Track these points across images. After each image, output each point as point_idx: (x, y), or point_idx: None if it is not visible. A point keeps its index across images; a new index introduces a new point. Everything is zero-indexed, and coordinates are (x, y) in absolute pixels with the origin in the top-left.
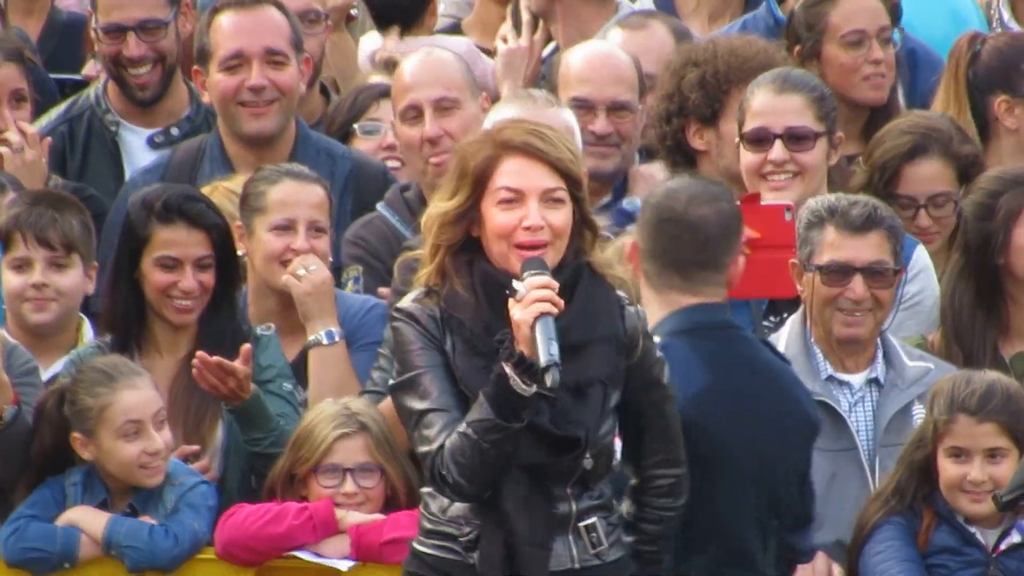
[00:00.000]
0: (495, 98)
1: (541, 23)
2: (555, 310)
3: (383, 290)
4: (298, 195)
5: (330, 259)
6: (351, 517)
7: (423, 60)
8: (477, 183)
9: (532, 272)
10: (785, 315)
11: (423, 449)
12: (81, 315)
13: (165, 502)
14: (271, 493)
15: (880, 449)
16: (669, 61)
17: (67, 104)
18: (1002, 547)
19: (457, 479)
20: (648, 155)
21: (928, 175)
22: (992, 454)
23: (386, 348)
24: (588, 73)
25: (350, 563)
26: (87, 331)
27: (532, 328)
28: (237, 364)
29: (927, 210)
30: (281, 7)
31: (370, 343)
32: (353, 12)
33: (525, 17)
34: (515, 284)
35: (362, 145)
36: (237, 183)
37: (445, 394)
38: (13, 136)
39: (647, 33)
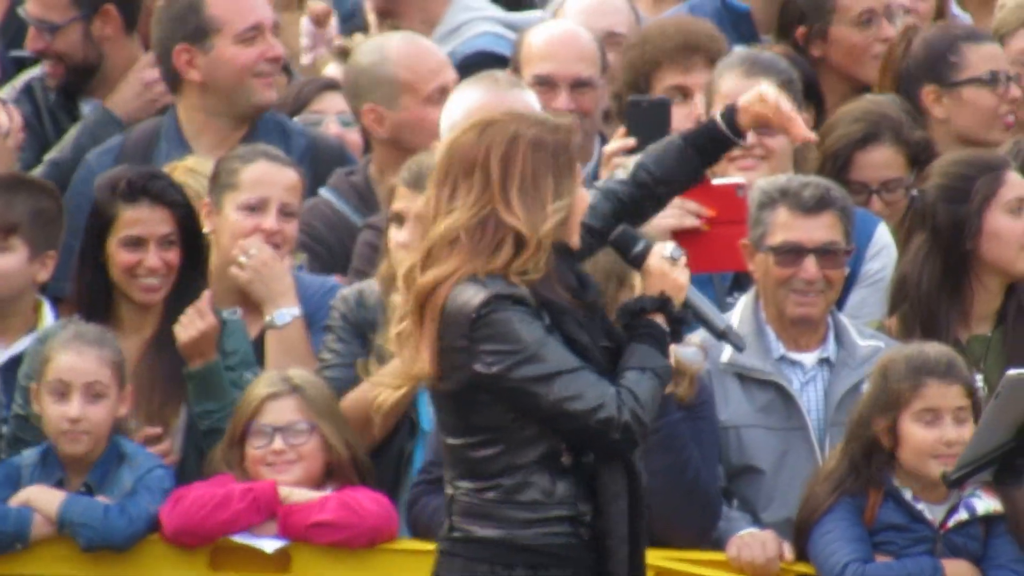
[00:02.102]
0: None
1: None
2: None
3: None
4: (272, 176)
5: (295, 244)
6: (295, 495)
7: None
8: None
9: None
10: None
11: (585, 405)
12: (40, 297)
13: (122, 483)
14: (211, 462)
15: (830, 428)
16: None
17: (23, 81)
18: (949, 524)
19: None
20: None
21: (880, 161)
22: (958, 416)
23: (336, 332)
24: (550, 50)
25: (277, 544)
26: (47, 313)
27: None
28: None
29: (879, 196)
30: None
31: (325, 324)
32: None
33: (372, 19)
34: (668, 248)
35: None
36: (195, 162)
37: (572, 356)
38: (2, 118)
39: None
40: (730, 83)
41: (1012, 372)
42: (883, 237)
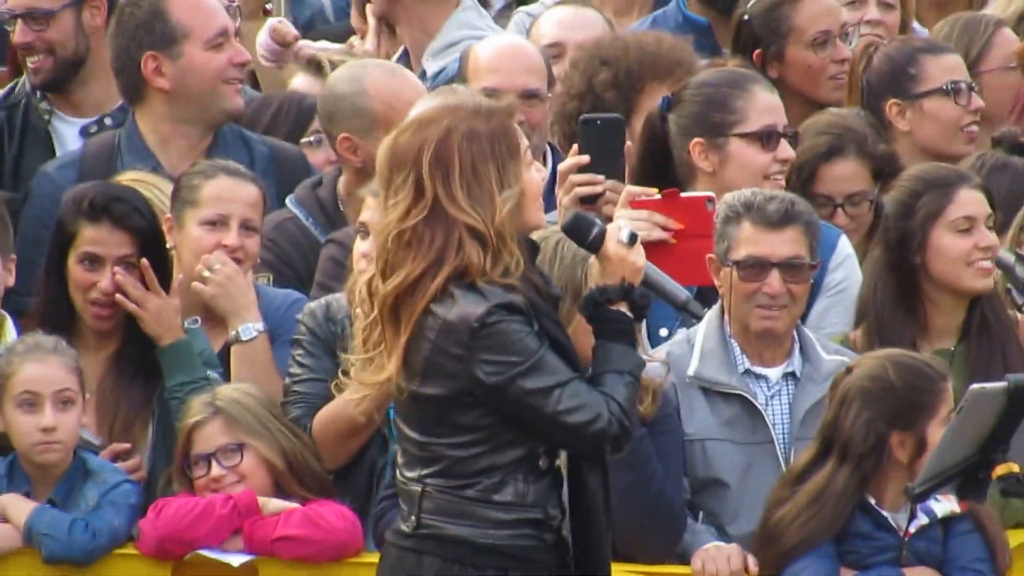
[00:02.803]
0: None
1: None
2: None
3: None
4: (234, 191)
5: (258, 260)
6: (272, 505)
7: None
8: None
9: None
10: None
11: (583, 417)
12: (2, 312)
13: (87, 498)
14: (166, 487)
15: (796, 442)
16: (575, 58)
17: (4, 91)
18: (912, 529)
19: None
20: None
21: (845, 175)
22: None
23: (305, 347)
24: (498, 63)
25: (243, 558)
26: (10, 327)
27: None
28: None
29: (844, 209)
30: None
31: (292, 338)
32: (268, 6)
33: (371, 22)
34: (624, 232)
35: (311, 157)
36: (154, 178)
37: (565, 365)
38: None
39: (583, 10)
40: (765, 97)
41: (975, 386)
42: (845, 248)
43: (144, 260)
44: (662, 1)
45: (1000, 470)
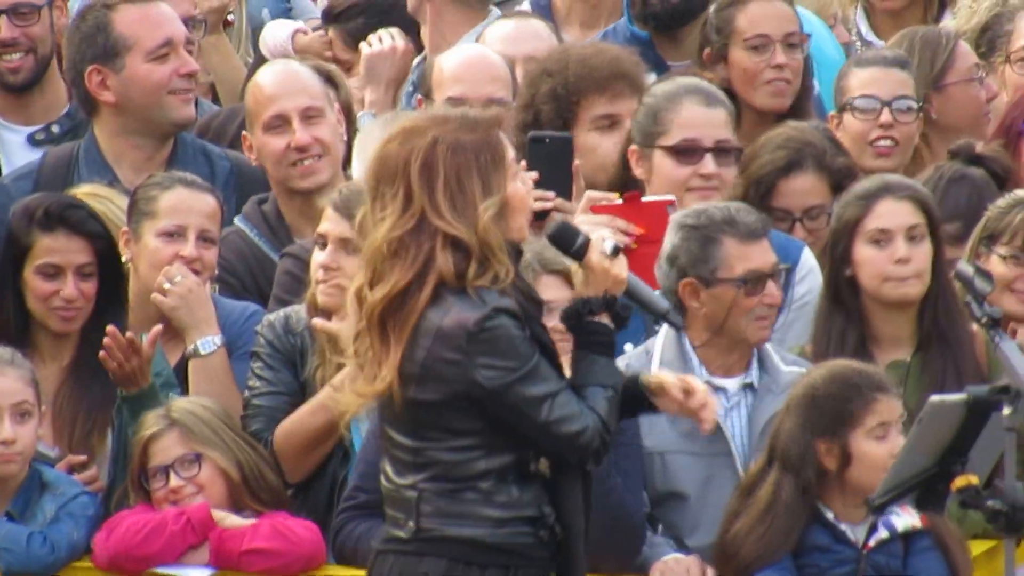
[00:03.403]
0: None
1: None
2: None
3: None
4: (191, 202)
5: (215, 271)
6: (228, 520)
7: (283, 71)
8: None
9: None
10: None
11: (573, 428)
12: None
13: (44, 511)
14: (123, 501)
15: (755, 453)
16: (526, 70)
17: None
18: (871, 543)
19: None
20: None
21: (803, 189)
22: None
23: (264, 359)
24: (462, 72)
25: (205, 573)
26: None
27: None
28: (144, 346)
29: (802, 223)
30: None
31: (251, 351)
32: (230, 17)
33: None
34: (607, 243)
35: None
36: (109, 191)
37: (555, 373)
38: None
39: (529, 22)
40: (691, 111)
41: (934, 398)
42: (808, 261)
43: (110, 327)
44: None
45: (959, 482)
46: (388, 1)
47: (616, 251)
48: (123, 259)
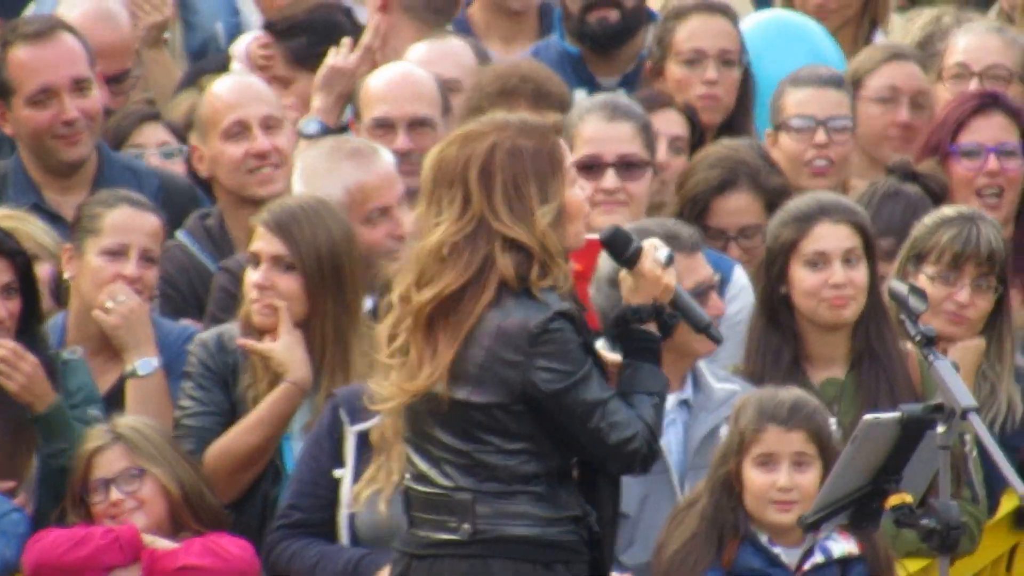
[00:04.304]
0: None
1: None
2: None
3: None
4: (134, 221)
5: (156, 291)
6: (159, 543)
7: (240, 80)
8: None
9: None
10: None
11: (624, 435)
12: None
13: None
14: (62, 516)
15: (690, 471)
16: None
17: None
18: (806, 567)
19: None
20: None
21: (737, 208)
22: (799, 461)
23: (196, 379)
24: (387, 92)
25: None
26: None
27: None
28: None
29: (737, 242)
30: (72, 30)
31: (184, 370)
32: (166, 35)
33: (366, 39)
34: (661, 251)
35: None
36: (22, 214)
37: (605, 382)
38: None
39: (446, 42)
40: (593, 126)
41: (868, 416)
42: (740, 279)
43: (7, 342)
44: (545, 30)
45: (893, 500)
46: (332, 21)
47: (670, 260)
48: (65, 276)
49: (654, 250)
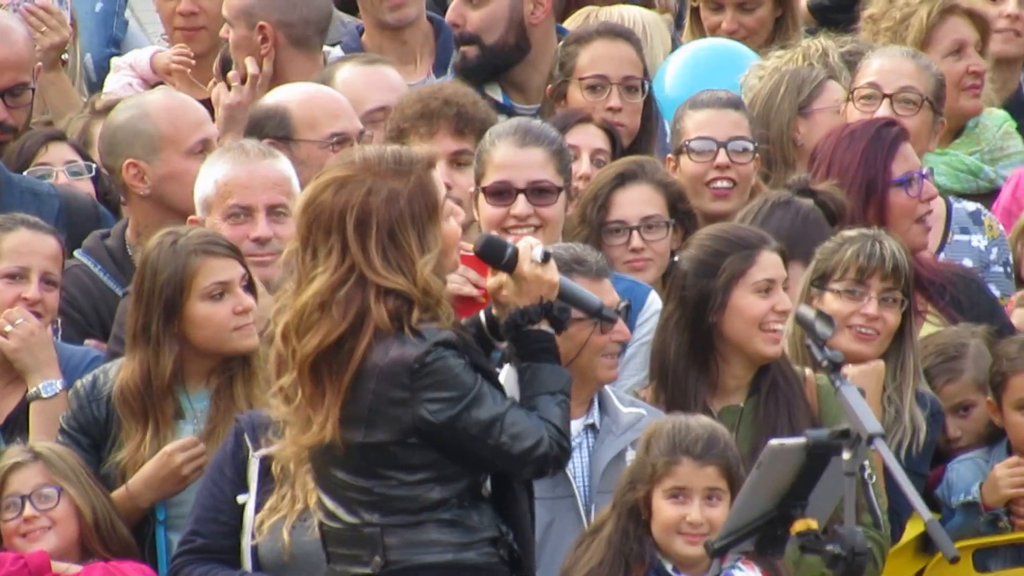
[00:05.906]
0: None
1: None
2: None
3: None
4: (33, 244)
5: (57, 316)
6: (71, 570)
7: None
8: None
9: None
10: None
11: (527, 443)
12: None
13: None
14: None
15: (596, 495)
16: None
17: None
18: None
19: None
20: None
21: (638, 198)
22: (710, 495)
23: (67, 430)
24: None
25: None
26: None
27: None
28: None
29: (639, 232)
30: None
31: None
32: (64, 56)
33: (251, 70)
34: (536, 250)
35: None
36: None
37: (500, 395)
38: None
39: (378, 68)
40: (503, 152)
41: (774, 441)
42: (654, 304)
43: None
44: (443, 53)
45: (799, 526)
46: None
47: (546, 257)
48: None
49: (530, 249)
